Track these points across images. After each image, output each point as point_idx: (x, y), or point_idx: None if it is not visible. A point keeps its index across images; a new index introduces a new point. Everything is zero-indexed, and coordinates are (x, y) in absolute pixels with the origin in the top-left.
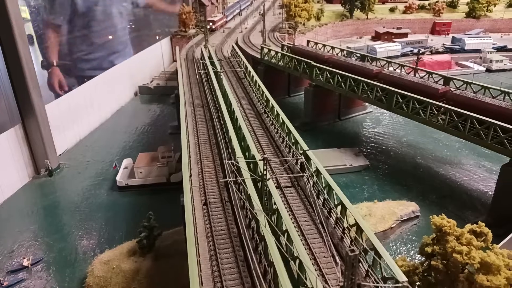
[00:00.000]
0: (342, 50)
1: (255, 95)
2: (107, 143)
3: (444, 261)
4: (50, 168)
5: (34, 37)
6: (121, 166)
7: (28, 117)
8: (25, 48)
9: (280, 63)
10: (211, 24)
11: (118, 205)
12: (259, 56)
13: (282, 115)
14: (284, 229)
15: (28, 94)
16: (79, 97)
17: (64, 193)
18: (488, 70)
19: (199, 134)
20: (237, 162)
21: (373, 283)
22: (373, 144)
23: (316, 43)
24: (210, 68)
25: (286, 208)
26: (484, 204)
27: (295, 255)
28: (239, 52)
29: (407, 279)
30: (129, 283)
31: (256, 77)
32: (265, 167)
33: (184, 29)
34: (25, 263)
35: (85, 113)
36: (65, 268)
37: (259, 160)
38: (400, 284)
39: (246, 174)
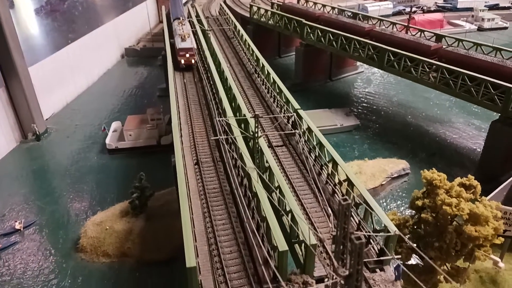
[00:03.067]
0: (333, 8)
1: (245, 54)
2: (95, 106)
3: (434, 214)
4: (38, 133)
5: None
6: (110, 129)
7: (11, 79)
8: (4, 7)
9: (270, 22)
10: (187, 55)
11: (109, 167)
12: (248, 15)
13: (273, 75)
14: (276, 185)
15: (10, 55)
16: (65, 59)
17: (53, 157)
18: (480, 29)
19: (188, 95)
20: (228, 120)
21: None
22: (364, 104)
23: (307, 1)
24: (197, 26)
25: (278, 166)
26: (473, 161)
27: (287, 209)
28: (228, 11)
29: (397, 230)
30: (123, 243)
31: (245, 36)
32: (256, 124)
33: None
34: (17, 226)
35: (71, 76)
36: (58, 230)
37: (250, 117)
38: (391, 233)
39: (237, 132)
